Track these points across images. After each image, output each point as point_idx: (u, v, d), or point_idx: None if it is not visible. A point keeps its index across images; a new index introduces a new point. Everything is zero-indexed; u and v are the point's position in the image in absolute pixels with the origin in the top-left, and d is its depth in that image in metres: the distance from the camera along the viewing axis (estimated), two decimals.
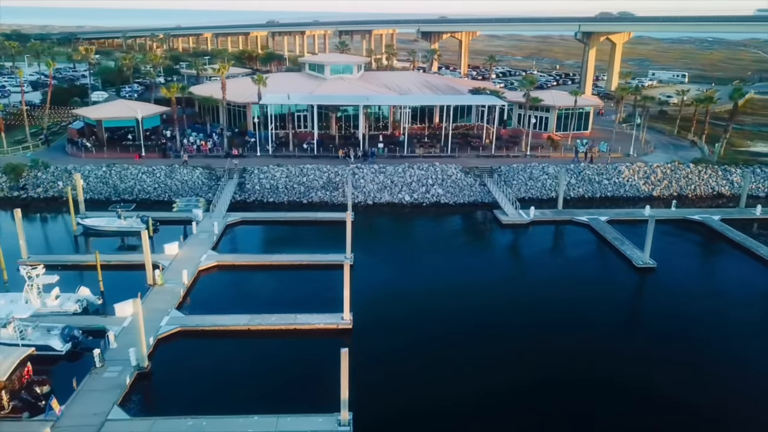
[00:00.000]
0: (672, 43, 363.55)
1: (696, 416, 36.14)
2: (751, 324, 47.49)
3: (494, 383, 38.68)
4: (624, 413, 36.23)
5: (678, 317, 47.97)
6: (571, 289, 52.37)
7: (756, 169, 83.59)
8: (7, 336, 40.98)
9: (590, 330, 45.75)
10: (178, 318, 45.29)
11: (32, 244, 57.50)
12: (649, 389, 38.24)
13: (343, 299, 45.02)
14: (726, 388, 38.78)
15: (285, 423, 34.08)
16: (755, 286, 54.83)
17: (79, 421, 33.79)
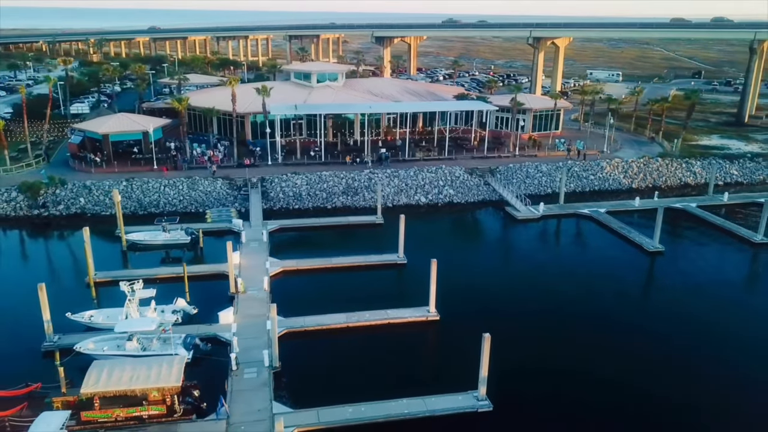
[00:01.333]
0: (584, 42, 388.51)
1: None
2: (752, 288, 56.96)
3: (583, 354, 45.14)
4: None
5: (696, 289, 56.66)
6: (603, 272, 60.14)
7: (712, 160, 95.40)
8: (132, 348, 43.21)
9: (635, 299, 53.35)
10: (280, 321, 48.60)
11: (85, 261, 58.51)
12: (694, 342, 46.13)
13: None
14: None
15: (431, 402, 38.88)
16: (745, 260, 64.79)
17: (249, 417, 37.08)
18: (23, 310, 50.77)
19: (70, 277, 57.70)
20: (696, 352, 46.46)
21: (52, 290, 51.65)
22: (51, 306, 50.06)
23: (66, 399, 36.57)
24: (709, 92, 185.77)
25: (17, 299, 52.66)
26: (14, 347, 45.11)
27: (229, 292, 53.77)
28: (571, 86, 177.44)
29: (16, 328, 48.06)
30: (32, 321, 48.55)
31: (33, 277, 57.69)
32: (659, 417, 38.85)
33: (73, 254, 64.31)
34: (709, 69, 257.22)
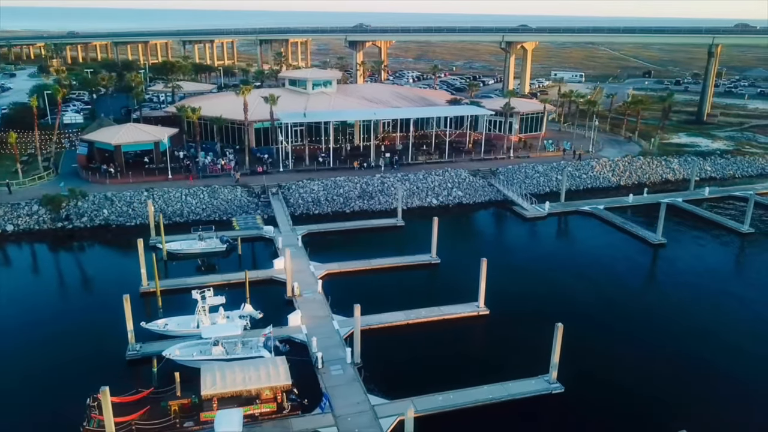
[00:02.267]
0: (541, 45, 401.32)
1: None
2: (750, 271, 63.96)
3: (636, 335, 50.28)
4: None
5: (703, 274, 63.32)
6: (619, 264, 65.91)
7: (687, 158, 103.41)
8: (218, 353, 45.54)
9: (657, 286, 59.20)
10: (344, 321, 51.77)
11: (133, 270, 60.07)
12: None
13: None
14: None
15: (509, 387, 43.04)
16: (738, 248, 71.96)
17: (350, 410, 40.26)
18: (87, 320, 52.34)
19: (122, 287, 58.62)
20: (732, 327, 52.53)
21: (109, 301, 53.68)
22: (110, 316, 52.12)
23: (181, 402, 38.90)
24: (663, 91, 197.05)
25: (81, 311, 53.95)
26: (98, 356, 46.56)
27: (285, 296, 56.42)
28: (537, 87, 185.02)
29: (89, 337, 49.35)
30: (102, 330, 50.53)
31: (84, 289, 59.28)
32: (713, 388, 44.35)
33: (116, 265, 65.45)
34: (656, 68, 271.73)
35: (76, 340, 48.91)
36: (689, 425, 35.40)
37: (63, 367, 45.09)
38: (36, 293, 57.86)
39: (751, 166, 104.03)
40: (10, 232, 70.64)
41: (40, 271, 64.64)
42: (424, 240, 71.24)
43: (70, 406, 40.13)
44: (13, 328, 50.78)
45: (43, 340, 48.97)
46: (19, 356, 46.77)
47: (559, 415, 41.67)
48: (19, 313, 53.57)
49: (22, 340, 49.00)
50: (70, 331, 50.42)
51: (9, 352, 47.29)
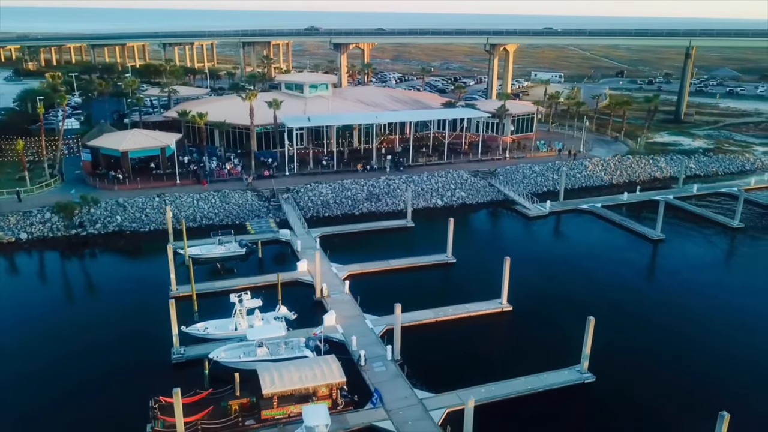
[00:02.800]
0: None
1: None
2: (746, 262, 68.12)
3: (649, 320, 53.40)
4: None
5: (703, 267, 67.37)
6: (625, 259, 69.47)
7: (673, 156, 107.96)
8: (263, 354, 47.06)
9: (665, 277, 62.74)
10: (376, 320, 53.75)
11: (157, 276, 61.24)
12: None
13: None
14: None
15: (545, 378, 45.64)
16: (731, 242, 76.11)
17: (401, 404, 42.29)
18: (124, 326, 53.23)
19: (150, 293, 59.63)
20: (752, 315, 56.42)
21: (142, 307, 54.89)
22: (146, 321, 53.39)
23: (240, 401, 40.46)
24: (637, 91, 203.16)
25: (115, 317, 54.69)
26: (144, 361, 47.66)
27: (314, 297, 58.10)
28: (517, 88, 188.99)
29: (130, 343, 50.31)
30: (141, 336, 51.64)
31: (114, 296, 59.80)
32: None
33: (140, 271, 66.28)
34: (627, 68, 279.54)
35: (119, 346, 49.77)
36: (714, 408, 38.33)
37: (113, 372, 46.07)
38: (66, 301, 58.46)
39: (732, 163, 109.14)
40: (24, 240, 70.63)
41: (65, 278, 65.00)
42: (435, 240, 73.60)
43: (129, 408, 41.44)
44: (55, 336, 51.27)
45: (87, 346, 49.74)
46: (70, 363, 47.51)
47: (593, 402, 44.43)
48: (56, 320, 54.11)
49: (67, 347, 49.60)
50: (111, 337, 51.17)
51: (59, 359, 47.90)
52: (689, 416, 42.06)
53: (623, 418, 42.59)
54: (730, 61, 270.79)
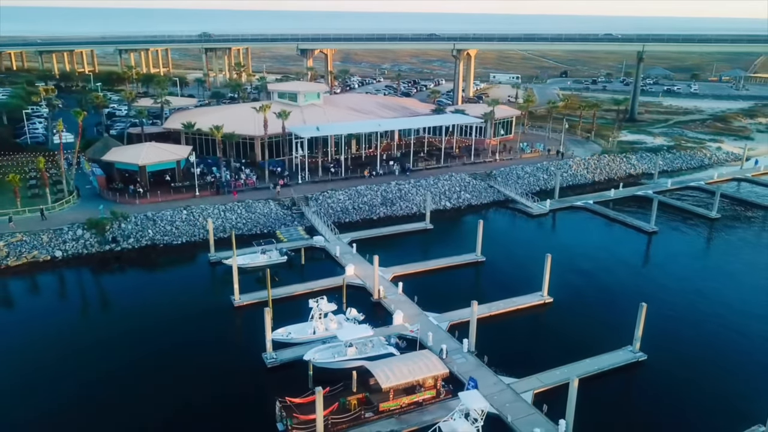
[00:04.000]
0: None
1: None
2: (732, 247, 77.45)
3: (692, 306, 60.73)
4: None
5: (700, 254, 75.95)
6: (629, 249, 77.27)
7: (642, 154, 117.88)
8: (352, 353, 50.96)
9: (670, 264, 70.79)
10: (438, 316, 58.52)
11: (210, 286, 64.06)
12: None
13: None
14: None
15: (604, 359, 51.75)
16: (713, 231, 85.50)
17: (492, 390, 47.28)
18: (204, 334, 55.76)
19: (211, 302, 62.03)
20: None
21: (208, 316, 57.73)
22: (221, 329, 56.39)
23: (357, 396, 44.45)
24: (585, 90, 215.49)
25: (191, 326, 56.93)
26: (240, 366, 50.59)
27: (371, 298, 62.21)
28: (476, 90, 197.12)
29: (219, 350, 52.97)
30: (226, 343, 54.58)
31: (177, 306, 61.62)
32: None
33: (188, 281, 68.11)
34: (567, 67, 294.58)
35: (208, 355, 52.33)
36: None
37: (217, 378, 48.77)
38: (135, 316, 58.96)
39: (693, 159, 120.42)
40: (59, 257, 70.85)
41: (121, 293, 65.09)
42: (456, 240, 79.46)
43: (247, 410, 44.62)
44: (149, 351, 52.83)
45: (176, 357, 51.96)
46: (172, 374, 49.72)
47: (648, 377, 50.95)
48: (138, 333, 55.38)
49: (162, 359, 51.61)
50: (197, 347, 53.53)
51: (163, 370, 50.06)
52: (728, 383, 49.38)
53: (676, 388, 49.24)
54: (661, 61, 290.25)
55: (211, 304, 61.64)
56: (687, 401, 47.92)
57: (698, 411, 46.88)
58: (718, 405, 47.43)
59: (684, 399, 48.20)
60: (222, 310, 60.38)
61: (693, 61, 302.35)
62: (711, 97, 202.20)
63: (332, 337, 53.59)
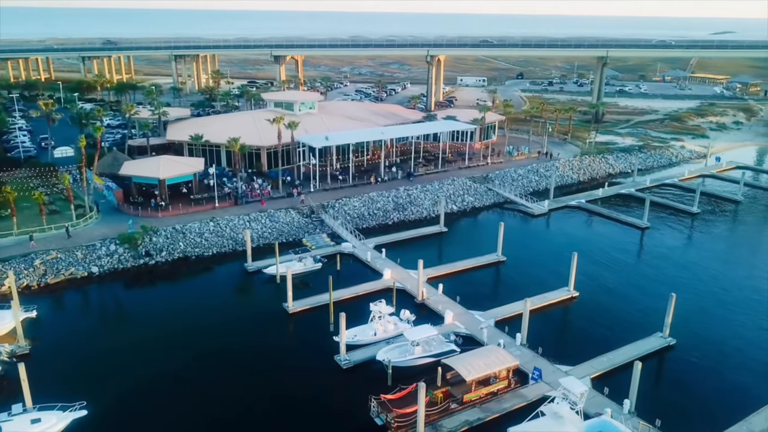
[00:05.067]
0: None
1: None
2: (720, 236, 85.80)
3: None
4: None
5: (694, 245, 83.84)
6: (631, 241, 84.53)
7: (617, 154, 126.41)
8: (419, 352, 55.17)
9: (668, 254, 78.17)
10: (482, 314, 63.32)
11: (255, 294, 67.68)
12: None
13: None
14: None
15: (636, 347, 57.60)
16: (697, 224, 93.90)
17: (552, 377, 52.34)
18: (265, 340, 58.96)
19: (265, 310, 64.85)
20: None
21: (266, 323, 60.95)
22: (278, 337, 59.77)
23: (441, 390, 48.76)
24: (543, 92, 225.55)
25: (253, 333, 59.65)
26: (316, 369, 53.97)
27: (416, 300, 66.41)
28: (445, 93, 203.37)
29: (290, 354, 56.11)
30: (291, 347, 57.88)
31: (234, 315, 64.08)
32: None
33: (237, 291, 70.54)
34: (521, 69, 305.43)
35: (283, 358, 55.45)
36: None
37: (299, 379, 52.16)
38: (194, 325, 60.68)
39: (662, 157, 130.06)
40: (96, 273, 71.69)
41: (170, 305, 66.30)
42: (470, 241, 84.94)
43: (336, 407, 48.39)
44: (220, 358, 55.21)
45: (257, 361, 54.85)
46: (256, 375, 52.70)
47: (679, 358, 57.32)
48: (213, 343, 57.39)
49: (242, 364, 54.41)
50: (268, 351, 56.49)
51: (245, 374, 52.79)
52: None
53: (704, 367, 55.70)
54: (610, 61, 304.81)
55: (265, 312, 64.42)
56: (716, 378, 54.40)
57: (726, 385, 53.43)
58: (738, 380, 54.15)
59: (713, 376, 54.63)
60: (277, 317, 63.29)
61: (634, 62, 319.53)
62: (660, 96, 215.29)
63: (394, 338, 57.80)
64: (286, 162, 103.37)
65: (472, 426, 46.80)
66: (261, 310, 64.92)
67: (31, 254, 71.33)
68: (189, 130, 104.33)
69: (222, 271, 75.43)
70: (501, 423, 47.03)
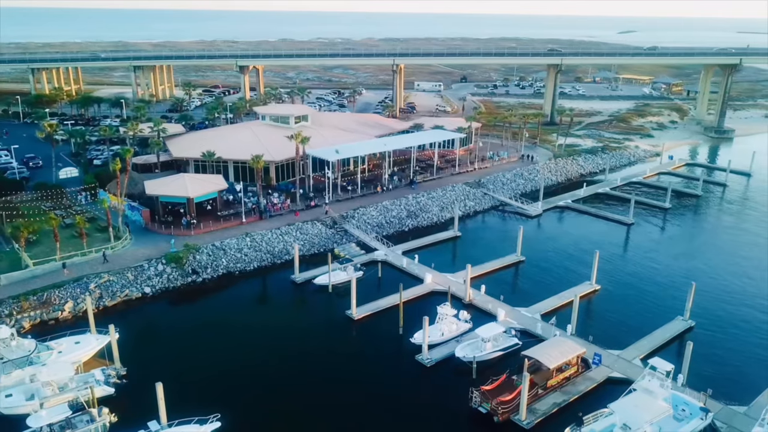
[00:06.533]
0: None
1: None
2: (693, 225, 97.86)
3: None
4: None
5: (677, 236, 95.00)
6: (624, 236, 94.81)
7: (585, 156, 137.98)
8: (490, 348, 61.92)
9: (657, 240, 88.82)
10: (528, 309, 70.84)
11: (313, 304, 72.92)
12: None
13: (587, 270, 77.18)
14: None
15: (664, 331, 66.78)
16: (670, 217, 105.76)
17: (608, 360, 60.57)
18: (348, 349, 64.01)
19: (331, 317, 69.63)
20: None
21: (331, 330, 66.06)
22: (348, 339, 65.23)
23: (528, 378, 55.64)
24: (491, 95, 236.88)
25: (327, 341, 64.55)
26: (402, 369, 59.70)
27: (464, 300, 73.04)
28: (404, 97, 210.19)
29: (373, 357, 61.43)
30: (366, 354, 63.11)
31: (302, 324, 68.57)
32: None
33: (294, 302, 74.69)
34: (465, 73, 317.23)
35: (367, 362, 60.90)
36: None
37: (392, 380, 58.05)
38: (268, 336, 64.89)
39: (622, 157, 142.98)
40: (150, 294, 73.74)
41: (233, 319, 69.21)
42: (487, 243, 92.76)
43: (439, 402, 54.40)
44: (309, 366, 59.83)
45: (345, 366, 59.90)
46: (347, 379, 57.76)
47: (701, 338, 66.96)
48: (284, 351, 61.84)
49: (332, 371, 59.25)
50: (351, 356, 61.69)
51: (337, 379, 57.65)
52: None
53: (721, 342, 65.68)
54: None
55: (331, 321, 69.17)
56: (735, 351, 64.48)
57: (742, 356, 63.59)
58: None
59: (732, 352, 64.62)
60: (344, 325, 68.25)
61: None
62: (597, 98, 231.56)
63: (459, 336, 64.41)
64: (291, 175, 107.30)
65: (560, 407, 54.10)
66: (326, 320, 69.54)
67: (84, 278, 72.48)
68: (192, 146, 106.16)
69: (270, 285, 79.19)
70: (582, 402, 54.59)
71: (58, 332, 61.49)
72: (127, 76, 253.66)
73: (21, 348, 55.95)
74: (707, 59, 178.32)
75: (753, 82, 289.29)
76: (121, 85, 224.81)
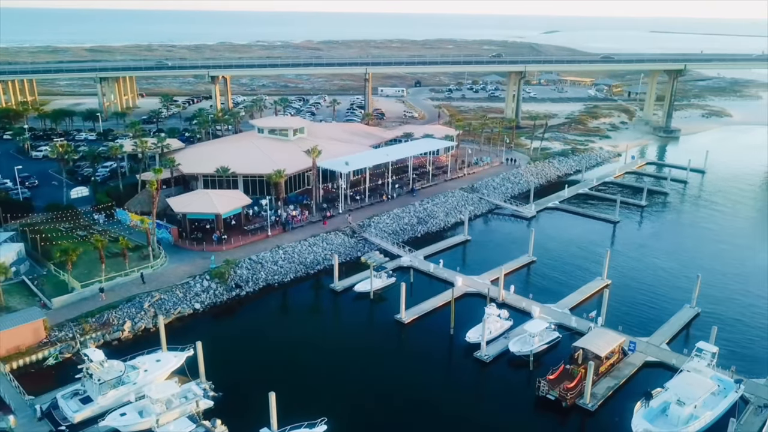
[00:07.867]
0: None
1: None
2: (675, 219, 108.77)
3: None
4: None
5: (661, 231, 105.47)
6: (615, 233, 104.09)
7: (559, 158, 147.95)
8: (538, 343, 68.66)
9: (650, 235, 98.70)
10: (555, 305, 78.26)
11: (362, 310, 77.92)
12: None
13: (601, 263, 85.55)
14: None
15: (679, 316, 76.09)
16: (649, 214, 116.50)
17: (640, 348, 68.71)
18: (411, 350, 69.48)
19: (381, 322, 74.66)
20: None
21: (386, 334, 72.28)
22: (405, 342, 71.09)
23: (582, 367, 62.75)
24: (448, 99, 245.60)
25: (388, 344, 69.58)
26: (462, 365, 65.69)
27: (497, 300, 79.65)
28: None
29: (434, 358, 67.09)
30: (429, 351, 68.77)
31: (356, 331, 73.44)
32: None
33: (339, 310, 79.39)
34: (417, 77, 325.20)
35: (430, 363, 66.30)
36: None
37: (459, 377, 63.65)
38: (328, 343, 69.33)
39: (591, 158, 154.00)
40: (200, 310, 76.40)
41: (287, 329, 73.48)
42: (496, 245, 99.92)
43: (505, 394, 60.82)
44: (377, 369, 64.81)
45: (412, 367, 65.09)
46: (418, 383, 63.15)
47: (703, 322, 76.21)
48: (348, 357, 66.52)
49: (405, 379, 64.40)
50: (411, 358, 66.98)
51: (413, 384, 62.81)
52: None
53: (729, 324, 75.23)
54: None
55: (383, 326, 74.31)
56: (742, 331, 74.16)
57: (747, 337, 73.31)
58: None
59: (739, 331, 74.29)
60: (396, 328, 73.48)
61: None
62: (548, 100, 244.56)
63: (504, 333, 71.13)
64: (298, 186, 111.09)
65: (613, 390, 61.59)
66: (379, 324, 74.75)
67: (137, 297, 74.37)
68: (199, 161, 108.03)
69: (311, 294, 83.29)
70: (629, 384, 62.40)
71: (123, 352, 63.25)
72: (72, 85, 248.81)
73: (112, 369, 58.11)
74: (656, 65, 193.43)
75: (683, 82, 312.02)
76: (73, 96, 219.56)
